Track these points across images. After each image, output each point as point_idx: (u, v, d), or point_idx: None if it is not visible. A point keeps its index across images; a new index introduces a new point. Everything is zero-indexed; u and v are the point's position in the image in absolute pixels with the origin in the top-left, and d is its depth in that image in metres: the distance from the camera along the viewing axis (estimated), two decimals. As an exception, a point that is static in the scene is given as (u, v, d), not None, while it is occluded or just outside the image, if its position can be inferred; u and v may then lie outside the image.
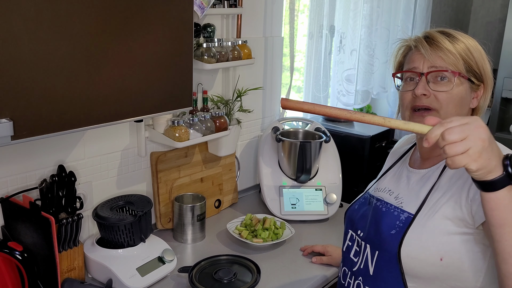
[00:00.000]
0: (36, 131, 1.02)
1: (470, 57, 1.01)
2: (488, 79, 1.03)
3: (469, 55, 1.01)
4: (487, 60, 1.04)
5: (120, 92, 1.16)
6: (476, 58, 1.02)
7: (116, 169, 1.58)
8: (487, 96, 1.05)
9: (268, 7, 2.00)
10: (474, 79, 1.02)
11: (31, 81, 0.98)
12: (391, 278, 1.01)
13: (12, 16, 0.93)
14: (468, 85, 1.02)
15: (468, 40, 1.03)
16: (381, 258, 1.04)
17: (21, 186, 1.33)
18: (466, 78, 1.01)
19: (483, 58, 1.03)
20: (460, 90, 1.00)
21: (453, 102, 1.00)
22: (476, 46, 1.04)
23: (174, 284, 1.40)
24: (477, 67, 1.02)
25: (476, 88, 1.03)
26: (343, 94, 2.71)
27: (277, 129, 1.96)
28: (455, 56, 1.00)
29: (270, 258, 1.56)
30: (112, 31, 1.10)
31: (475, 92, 1.04)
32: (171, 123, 1.55)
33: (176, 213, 1.64)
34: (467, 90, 1.02)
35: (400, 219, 1.02)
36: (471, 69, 1.02)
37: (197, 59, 1.58)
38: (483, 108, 1.06)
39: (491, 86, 1.04)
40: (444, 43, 1.01)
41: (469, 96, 1.03)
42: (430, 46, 1.02)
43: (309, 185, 1.90)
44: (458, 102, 1.00)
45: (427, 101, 1.01)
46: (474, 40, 1.05)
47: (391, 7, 2.85)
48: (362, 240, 1.11)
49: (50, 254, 1.21)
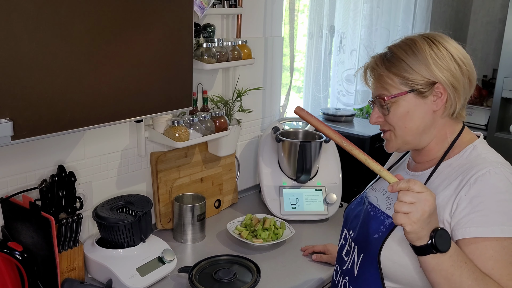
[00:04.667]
0: (36, 131, 1.02)
1: (404, 69, 1.00)
2: (443, 76, 0.98)
3: (401, 68, 1.00)
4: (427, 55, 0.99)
5: (120, 92, 1.16)
6: (410, 66, 0.99)
7: (116, 169, 1.58)
8: (460, 91, 1.00)
9: (268, 7, 2.00)
10: (421, 86, 0.99)
11: (31, 81, 0.98)
12: (372, 281, 1.05)
13: (13, 16, 0.93)
14: (413, 96, 1.01)
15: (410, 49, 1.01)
16: (365, 260, 1.07)
17: (21, 186, 1.33)
18: (405, 92, 1.00)
19: (421, 58, 0.99)
20: (401, 107, 1.02)
21: (400, 120, 1.03)
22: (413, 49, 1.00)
23: (174, 284, 1.40)
24: (416, 74, 0.99)
25: (427, 92, 1.00)
26: (343, 94, 2.72)
27: (277, 129, 1.96)
28: (389, 78, 1.01)
29: (270, 258, 1.56)
30: (112, 31, 1.10)
31: (431, 94, 1.00)
32: (171, 123, 1.55)
33: (176, 213, 1.64)
34: (413, 101, 1.01)
35: (384, 224, 1.05)
36: (410, 81, 1.00)
37: (197, 59, 1.58)
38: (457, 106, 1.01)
39: (459, 80, 0.99)
40: (378, 69, 1.03)
41: (422, 103, 1.01)
42: (373, 77, 1.06)
43: (309, 185, 1.90)
44: (404, 117, 1.02)
45: (384, 125, 1.07)
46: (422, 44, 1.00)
47: (391, 7, 2.85)
48: (352, 241, 1.14)
49: (50, 254, 1.21)
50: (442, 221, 0.96)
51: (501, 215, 0.91)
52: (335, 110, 2.42)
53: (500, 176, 0.93)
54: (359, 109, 2.95)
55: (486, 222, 0.91)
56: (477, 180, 0.93)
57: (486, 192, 0.92)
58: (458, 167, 1.00)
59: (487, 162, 0.96)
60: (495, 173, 0.93)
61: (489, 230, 0.90)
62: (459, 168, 0.99)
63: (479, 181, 0.93)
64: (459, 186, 0.96)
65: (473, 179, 0.94)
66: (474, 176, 0.94)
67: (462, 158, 1.01)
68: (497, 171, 0.94)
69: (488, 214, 0.91)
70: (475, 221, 0.92)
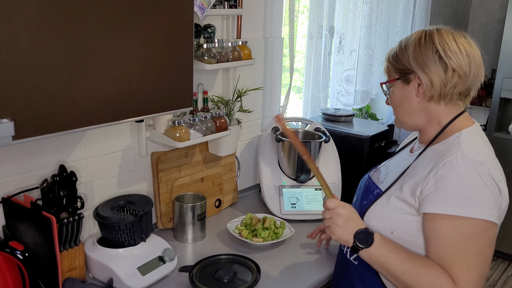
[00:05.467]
0: (37, 131, 1.02)
1: (396, 60, 1.17)
2: (413, 66, 1.13)
3: (395, 59, 1.18)
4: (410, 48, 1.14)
5: (121, 92, 1.16)
6: (399, 58, 1.16)
7: (117, 169, 1.58)
8: (433, 80, 1.11)
9: (268, 8, 2.01)
10: (404, 74, 1.16)
11: (32, 81, 0.99)
12: None
13: (14, 17, 0.93)
14: (400, 83, 1.18)
15: (401, 43, 1.17)
16: None
17: (22, 186, 1.33)
18: (394, 79, 1.18)
19: (406, 51, 1.15)
20: (393, 92, 1.20)
21: (394, 104, 1.21)
22: (406, 43, 1.16)
23: (174, 284, 1.40)
24: (402, 65, 1.16)
25: (410, 79, 1.15)
26: (342, 94, 2.72)
27: (277, 129, 1.97)
28: (387, 71, 1.21)
29: (270, 258, 1.56)
30: (113, 32, 1.11)
31: (414, 81, 1.15)
32: (172, 123, 1.55)
33: (177, 213, 1.65)
34: (400, 87, 1.18)
35: (373, 193, 1.24)
36: (398, 69, 1.17)
37: (198, 59, 1.58)
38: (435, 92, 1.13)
39: (425, 70, 1.11)
40: (385, 64, 1.22)
41: (408, 90, 1.17)
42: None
43: (308, 185, 1.90)
44: (396, 101, 1.20)
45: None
46: (412, 38, 1.16)
47: (390, 8, 2.86)
48: (353, 206, 1.30)
49: (51, 253, 1.22)
50: (415, 197, 1.09)
51: (458, 197, 1.02)
52: (334, 110, 2.43)
53: (467, 165, 1.04)
54: (358, 109, 2.96)
55: (443, 201, 1.03)
56: (445, 165, 1.05)
57: (450, 176, 1.04)
58: (440, 152, 1.11)
59: (459, 151, 1.06)
60: (463, 161, 1.04)
61: (445, 208, 1.03)
62: (440, 152, 1.11)
63: (446, 165, 1.05)
64: (432, 169, 1.08)
65: (442, 163, 1.06)
66: (444, 160, 1.06)
67: (446, 144, 1.13)
68: (466, 159, 1.04)
69: (447, 194, 1.03)
70: (435, 199, 1.04)
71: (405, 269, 1.06)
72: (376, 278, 1.18)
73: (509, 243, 3.38)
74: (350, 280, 1.26)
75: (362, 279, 1.22)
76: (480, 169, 1.03)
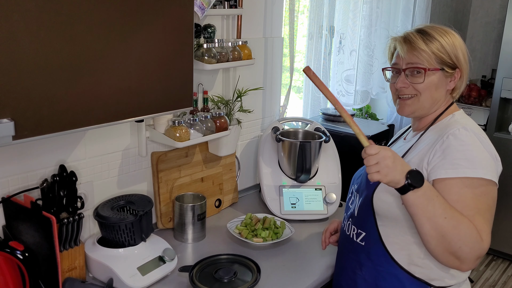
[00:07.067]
0: (37, 131, 1.02)
1: (442, 52, 1.24)
2: (462, 65, 1.26)
3: (442, 50, 1.24)
4: (463, 50, 1.26)
5: (121, 92, 1.16)
6: (449, 51, 1.24)
7: (117, 169, 1.58)
8: (464, 78, 1.28)
9: (268, 8, 2.01)
10: (448, 68, 1.25)
11: (32, 81, 0.99)
12: (367, 217, 1.30)
13: (14, 17, 0.93)
14: (441, 73, 1.25)
15: (444, 37, 1.25)
16: (363, 202, 1.33)
17: (22, 186, 1.33)
18: (438, 69, 1.24)
19: (457, 49, 1.25)
20: (432, 79, 1.25)
21: (428, 89, 1.26)
22: (452, 41, 1.25)
23: (174, 283, 1.40)
24: (449, 58, 1.24)
25: (450, 74, 1.26)
26: (342, 94, 2.72)
27: (277, 129, 1.97)
28: (427, 54, 1.24)
29: (270, 257, 1.56)
30: (113, 32, 1.11)
31: (452, 76, 1.27)
32: (172, 123, 1.55)
33: (177, 213, 1.65)
34: (440, 77, 1.25)
35: None
36: (444, 61, 1.24)
37: (198, 59, 1.58)
38: (460, 89, 1.31)
39: (466, 70, 1.27)
40: (418, 43, 1.24)
41: (444, 81, 1.26)
42: (407, 46, 1.26)
43: (308, 185, 1.90)
44: (432, 88, 1.26)
45: (407, 90, 1.27)
46: (452, 35, 1.26)
47: (390, 8, 2.86)
48: (355, 191, 1.40)
49: (51, 253, 1.22)
50: (422, 168, 1.19)
51: (464, 161, 1.14)
52: (334, 110, 2.43)
53: (468, 133, 1.18)
54: (358, 109, 2.96)
55: (452, 166, 1.14)
56: (449, 136, 1.18)
57: (455, 144, 1.16)
58: (438, 130, 1.25)
59: (459, 124, 1.21)
60: (464, 130, 1.18)
61: (454, 172, 1.14)
62: (438, 130, 1.25)
63: (450, 136, 1.18)
64: (436, 141, 1.20)
65: (446, 135, 1.19)
66: (447, 133, 1.19)
67: (442, 124, 1.27)
68: (467, 129, 1.18)
69: (454, 160, 1.15)
70: (445, 166, 1.15)
71: (448, 214, 1.10)
72: (384, 252, 1.27)
73: (509, 243, 3.38)
74: (358, 261, 1.34)
75: (370, 258, 1.30)
76: (480, 137, 1.18)
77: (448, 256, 1.12)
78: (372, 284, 1.31)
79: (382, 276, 1.29)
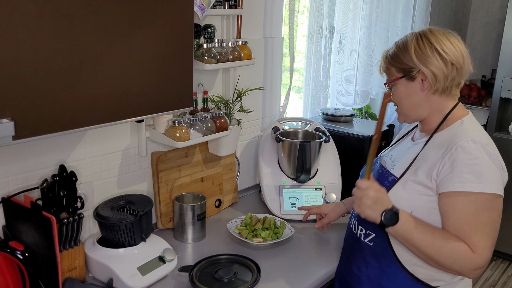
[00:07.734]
0: (37, 131, 1.02)
1: (397, 60, 1.29)
2: (422, 63, 1.24)
3: (395, 58, 1.29)
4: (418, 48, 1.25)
5: (121, 92, 1.16)
6: (401, 56, 1.28)
7: (117, 169, 1.59)
8: (439, 73, 1.24)
9: (268, 8, 2.01)
10: (408, 72, 1.27)
11: (32, 81, 0.99)
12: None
13: (14, 17, 0.93)
14: (405, 80, 1.29)
15: (398, 45, 1.30)
16: None
17: (22, 186, 1.33)
18: (399, 77, 1.29)
19: (408, 51, 1.26)
20: (398, 88, 1.31)
21: (400, 99, 1.32)
22: (404, 45, 1.28)
23: (174, 284, 1.40)
24: (403, 63, 1.27)
25: (413, 76, 1.27)
26: (342, 94, 2.72)
27: (277, 129, 1.97)
28: (388, 69, 1.32)
29: (270, 257, 1.56)
30: (113, 32, 1.11)
31: (417, 77, 1.27)
32: (172, 123, 1.55)
33: (177, 213, 1.65)
34: (406, 84, 1.29)
35: (388, 180, 1.34)
36: (402, 68, 1.28)
37: (198, 59, 1.58)
38: (442, 84, 1.26)
39: (437, 66, 1.23)
40: (382, 63, 1.35)
41: (413, 86, 1.28)
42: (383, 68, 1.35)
43: (308, 185, 1.90)
44: (402, 96, 1.31)
45: (393, 102, 1.36)
46: (407, 39, 1.28)
47: (390, 8, 2.86)
48: None
49: (51, 253, 1.22)
50: (431, 179, 1.23)
51: (471, 176, 1.17)
52: (334, 110, 2.43)
53: (476, 146, 1.19)
54: (358, 109, 2.96)
55: (459, 180, 1.17)
56: (457, 148, 1.19)
57: (463, 157, 1.18)
58: (447, 138, 1.25)
59: (468, 135, 1.21)
60: (473, 144, 1.19)
61: (461, 186, 1.17)
62: (448, 138, 1.25)
63: (459, 148, 1.19)
64: (445, 152, 1.21)
65: (455, 148, 1.20)
66: (456, 145, 1.20)
67: (451, 131, 1.27)
68: (475, 142, 1.19)
69: (462, 174, 1.17)
70: (453, 179, 1.18)
71: (428, 242, 1.18)
72: (390, 253, 1.30)
73: (509, 243, 3.38)
74: (364, 259, 1.38)
75: (377, 258, 1.34)
76: (487, 150, 1.19)
77: (445, 269, 1.22)
78: (376, 283, 1.35)
79: (387, 276, 1.33)
